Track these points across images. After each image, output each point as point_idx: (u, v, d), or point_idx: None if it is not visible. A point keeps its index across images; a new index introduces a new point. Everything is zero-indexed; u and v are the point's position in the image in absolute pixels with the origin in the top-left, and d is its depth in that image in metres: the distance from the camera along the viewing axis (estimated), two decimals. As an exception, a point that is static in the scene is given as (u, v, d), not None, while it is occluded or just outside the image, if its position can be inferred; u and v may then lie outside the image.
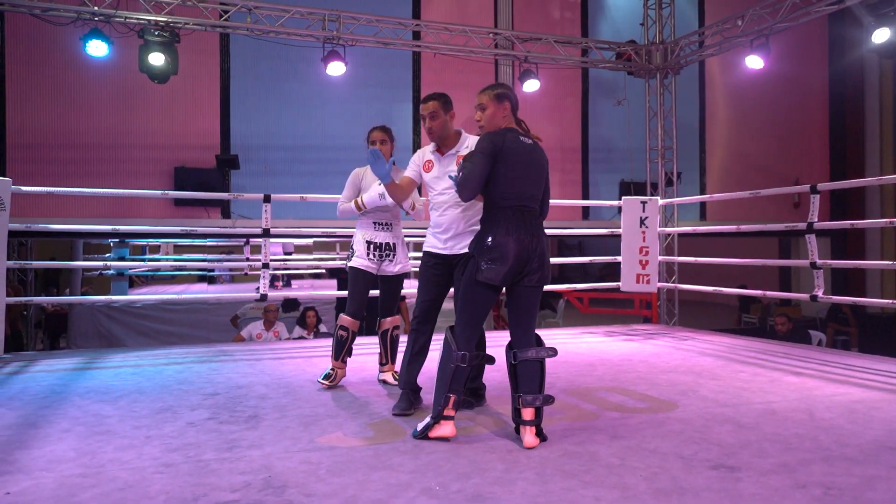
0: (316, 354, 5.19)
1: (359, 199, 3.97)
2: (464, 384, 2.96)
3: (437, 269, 3.42)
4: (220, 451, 2.72)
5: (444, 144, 3.43)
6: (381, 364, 4.18)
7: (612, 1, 11.49)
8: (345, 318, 4.04)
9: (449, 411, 2.88)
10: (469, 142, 3.41)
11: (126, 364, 4.74)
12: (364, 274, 4.04)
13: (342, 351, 4.03)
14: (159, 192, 7.44)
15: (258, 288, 5.85)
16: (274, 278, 13.60)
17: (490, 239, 2.87)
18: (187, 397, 3.69)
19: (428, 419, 2.91)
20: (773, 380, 4.17)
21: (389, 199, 3.74)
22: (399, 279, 4.14)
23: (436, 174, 3.43)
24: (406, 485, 2.37)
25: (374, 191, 3.83)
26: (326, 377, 4.01)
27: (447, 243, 3.38)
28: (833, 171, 12.83)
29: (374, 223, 4.06)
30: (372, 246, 4.05)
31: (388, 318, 4.15)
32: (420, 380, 3.48)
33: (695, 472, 2.47)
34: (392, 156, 4.05)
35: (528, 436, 2.80)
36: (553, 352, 2.96)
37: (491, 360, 3.12)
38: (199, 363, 4.77)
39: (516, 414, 2.88)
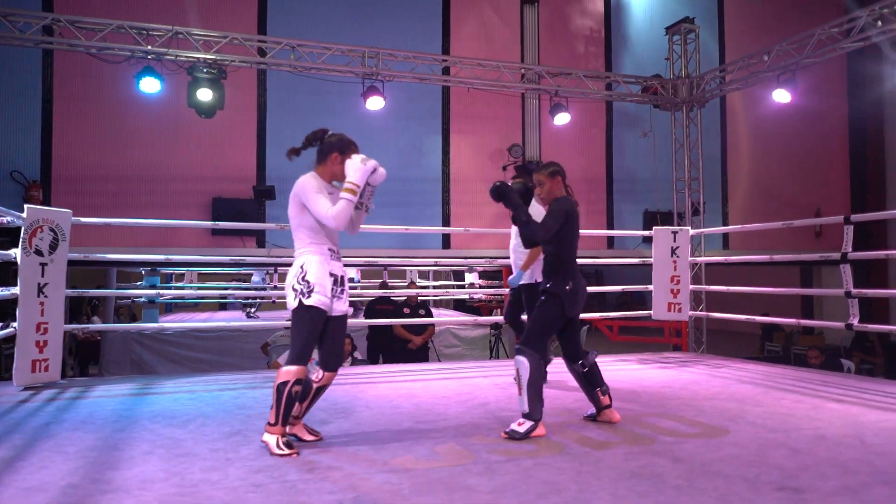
0: (360, 381, 5.33)
1: (349, 183, 3.25)
2: None
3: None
4: (302, 473, 2.85)
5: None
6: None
7: (633, 36, 11.79)
8: (295, 370, 3.14)
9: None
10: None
11: (180, 390, 4.89)
12: (323, 314, 3.24)
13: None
14: (210, 223, 7.67)
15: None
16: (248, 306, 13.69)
17: (570, 285, 3.73)
18: (252, 421, 3.82)
19: (529, 423, 3.46)
20: (817, 406, 4.26)
21: (381, 176, 3.37)
22: (345, 319, 3.42)
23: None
24: (488, 504, 2.49)
25: (368, 165, 3.33)
26: (287, 445, 3.12)
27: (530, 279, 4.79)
28: (854, 201, 12.96)
29: (330, 250, 3.33)
30: (335, 280, 3.31)
31: (329, 373, 3.36)
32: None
33: (762, 494, 2.58)
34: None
35: (615, 413, 3.77)
36: (595, 353, 3.85)
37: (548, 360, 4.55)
38: (252, 389, 4.91)
39: (598, 403, 3.77)
